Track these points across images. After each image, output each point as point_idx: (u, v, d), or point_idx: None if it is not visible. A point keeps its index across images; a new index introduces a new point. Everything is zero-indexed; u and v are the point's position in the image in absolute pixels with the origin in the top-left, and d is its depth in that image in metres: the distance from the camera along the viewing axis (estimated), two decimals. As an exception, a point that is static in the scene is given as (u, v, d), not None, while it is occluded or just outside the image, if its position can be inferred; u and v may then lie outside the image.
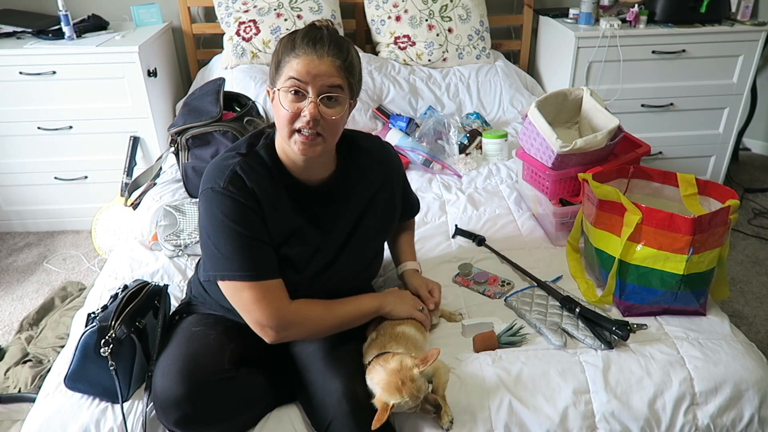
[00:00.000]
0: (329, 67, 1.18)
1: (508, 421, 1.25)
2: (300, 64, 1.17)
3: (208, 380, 1.20)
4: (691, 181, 1.60)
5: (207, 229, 1.24)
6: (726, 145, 3.04)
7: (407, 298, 1.44)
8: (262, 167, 1.27)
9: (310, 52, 1.17)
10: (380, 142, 1.47)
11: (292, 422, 1.28)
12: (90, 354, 1.26)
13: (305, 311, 1.27)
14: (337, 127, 1.25)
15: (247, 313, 1.23)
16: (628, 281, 1.48)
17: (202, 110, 2.18)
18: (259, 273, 1.22)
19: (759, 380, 1.32)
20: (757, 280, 2.52)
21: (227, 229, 1.21)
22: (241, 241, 1.21)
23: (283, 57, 1.20)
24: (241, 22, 2.80)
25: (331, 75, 1.19)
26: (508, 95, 2.84)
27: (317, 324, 1.29)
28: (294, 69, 1.17)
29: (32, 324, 2.23)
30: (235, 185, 1.22)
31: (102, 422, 1.25)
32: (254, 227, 1.23)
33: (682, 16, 2.77)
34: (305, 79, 1.17)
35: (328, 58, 1.18)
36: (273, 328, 1.22)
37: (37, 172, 2.77)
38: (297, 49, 1.18)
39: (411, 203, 1.62)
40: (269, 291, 1.23)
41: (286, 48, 1.20)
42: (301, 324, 1.26)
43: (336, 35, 1.22)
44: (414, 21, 2.89)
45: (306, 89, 1.18)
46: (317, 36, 1.19)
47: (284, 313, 1.23)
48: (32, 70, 2.52)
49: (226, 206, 1.21)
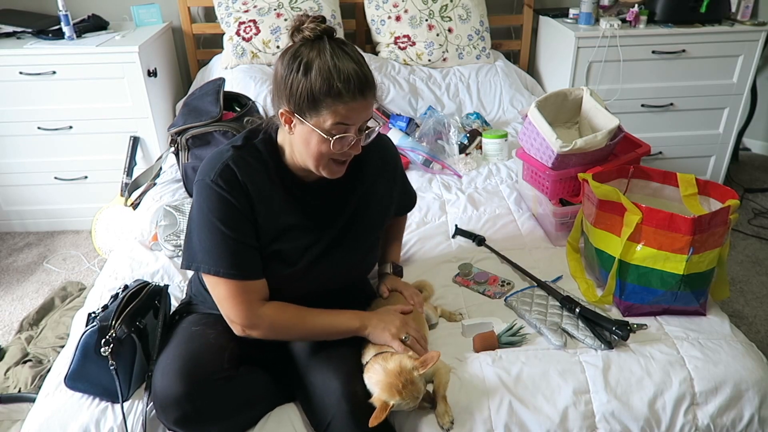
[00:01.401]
0: (371, 105, 1.20)
1: (508, 421, 1.25)
2: (351, 111, 1.16)
3: (208, 379, 1.20)
4: (691, 181, 1.60)
5: (193, 219, 1.26)
6: (726, 145, 3.04)
7: (391, 324, 1.32)
8: (257, 161, 1.27)
9: (358, 98, 1.15)
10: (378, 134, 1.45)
11: (291, 422, 1.28)
12: (90, 353, 1.26)
13: (276, 316, 1.27)
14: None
15: (220, 305, 1.26)
16: (628, 281, 1.48)
17: (202, 110, 2.18)
18: (236, 272, 1.22)
19: (759, 380, 1.32)
20: (757, 280, 2.52)
21: (210, 225, 1.22)
22: (222, 240, 1.21)
23: (324, 98, 1.14)
24: (241, 22, 2.80)
25: (371, 107, 1.21)
26: (508, 95, 2.84)
27: (288, 330, 1.29)
28: (343, 115, 1.16)
29: (32, 324, 2.23)
30: (224, 179, 1.22)
31: (102, 422, 1.25)
32: (238, 227, 1.23)
33: (682, 16, 2.77)
34: (354, 122, 1.18)
35: (372, 98, 1.19)
36: (240, 324, 1.25)
37: (37, 172, 2.77)
38: (344, 96, 1.13)
39: (408, 196, 1.61)
40: (243, 291, 1.23)
41: (329, 91, 1.13)
42: (268, 328, 1.27)
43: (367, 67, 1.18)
44: (414, 21, 2.89)
45: (350, 129, 1.19)
46: (362, 79, 1.15)
47: (252, 316, 1.24)
48: (32, 70, 2.52)
49: (213, 203, 1.22)
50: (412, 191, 1.63)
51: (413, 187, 1.65)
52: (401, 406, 1.19)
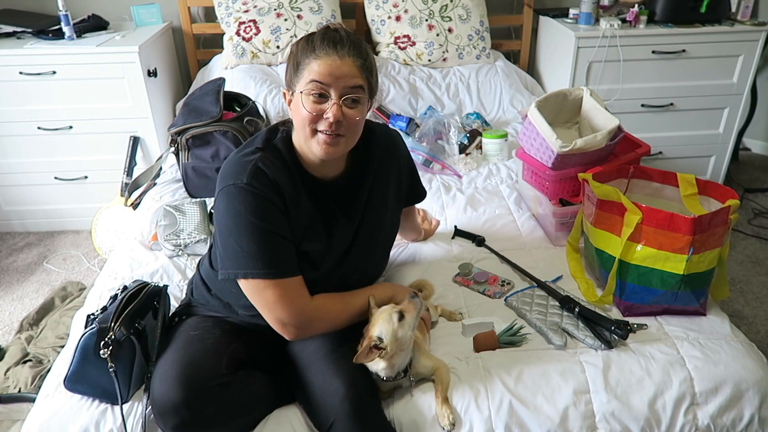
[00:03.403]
0: (351, 68, 1.19)
1: (508, 421, 1.25)
2: (321, 66, 1.17)
3: (206, 385, 1.19)
4: (691, 181, 1.59)
5: (228, 227, 1.22)
6: (726, 145, 3.04)
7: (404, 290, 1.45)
8: (280, 161, 1.27)
9: (331, 53, 1.17)
10: (386, 130, 1.47)
11: (291, 424, 1.28)
12: (89, 355, 1.25)
13: (326, 307, 1.28)
14: (358, 128, 1.26)
15: (270, 311, 1.23)
16: (628, 281, 1.48)
17: (202, 110, 2.19)
18: (282, 270, 1.22)
19: (759, 380, 1.32)
20: (757, 280, 2.52)
21: (251, 226, 1.19)
22: (264, 238, 1.20)
23: (302, 59, 1.19)
24: (241, 22, 2.80)
25: (353, 76, 1.19)
26: (508, 95, 2.84)
27: (336, 317, 1.30)
28: (315, 71, 1.17)
29: (32, 324, 2.23)
30: (259, 180, 1.21)
31: (102, 423, 1.25)
32: (277, 223, 1.22)
33: (682, 16, 2.77)
34: (327, 81, 1.17)
35: (349, 58, 1.18)
36: (295, 325, 1.23)
37: (37, 172, 2.77)
38: (317, 50, 1.17)
39: (417, 191, 1.60)
40: (291, 289, 1.23)
41: (304, 50, 1.19)
42: (323, 319, 1.27)
43: (353, 35, 1.22)
44: (414, 21, 2.89)
45: (328, 91, 1.18)
46: (336, 37, 1.19)
47: (307, 311, 1.24)
48: (32, 70, 2.52)
49: (249, 202, 1.20)
50: (422, 187, 1.62)
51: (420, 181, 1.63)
52: (390, 350, 1.21)
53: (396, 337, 1.22)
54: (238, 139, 2.14)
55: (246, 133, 2.16)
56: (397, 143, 1.47)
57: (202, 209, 1.94)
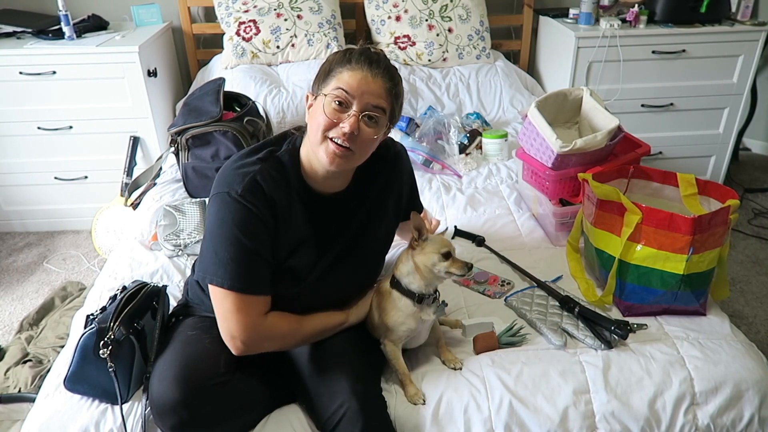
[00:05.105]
0: (379, 88, 1.20)
1: (508, 421, 1.25)
2: (352, 77, 1.19)
3: (204, 385, 1.19)
4: (691, 181, 1.59)
5: (212, 232, 1.23)
6: (726, 145, 3.04)
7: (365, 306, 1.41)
8: (280, 174, 1.26)
9: (365, 68, 1.19)
10: (391, 142, 1.45)
11: (291, 423, 1.28)
12: (89, 356, 1.26)
13: (278, 327, 1.26)
14: (369, 147, 1.26)
15: (223, 321, 1.22)
16: (628, 281, 1.48)
17: (202, 110, 2.18)
18: (248, 287, 1.21)
19: (759, 380, 1.32)
20: (757, 280, 2.52)
21: (233, 238, 1.19)
22: (242, 253, 1.20)
23: (336, 67, 1.21)
24: (241, 22, 2.80)
25: (379, 96, 1.21)
26: (508, 95, 2.84)
27: (287, 340, 1.29)
28: (345, 81, 1.19)
29: (32, 324, 2.23)
30: (253, 194, 1.21)
31: (102, 423, 1.25)
32: (260, 242, 1.22)
33: (682, 16, 2.77)
34: (353, 92, 1.18)
35: (380, 79, 1.20)
36: (243, 341, 1.21)
37: (37, 172, 2.77)
38: (353, 62, 1.20)
39: (415, 204, 1.59)
40: (251, 306, 1.22)
41: (341, 60, 1.22)
42: (272, 339, 1.26)
43: (390, 62, 1.25)
44: (414, 21, 2.89)
45: (351, 102, 1.19)
46: (374, 57, 1.22)
47: (258, 330, 1.23)
48: (32, 70, 2.52)
49: (239, 215, 1.20)
50: (419, 201, 1.61)
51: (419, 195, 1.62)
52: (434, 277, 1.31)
53: (438, 251, 1.29)
54: (238, 139, 2.14)
55: (246, 133, 2.16)
56: (403, 160, 1.47)
57: (202, 209, 1.94)
